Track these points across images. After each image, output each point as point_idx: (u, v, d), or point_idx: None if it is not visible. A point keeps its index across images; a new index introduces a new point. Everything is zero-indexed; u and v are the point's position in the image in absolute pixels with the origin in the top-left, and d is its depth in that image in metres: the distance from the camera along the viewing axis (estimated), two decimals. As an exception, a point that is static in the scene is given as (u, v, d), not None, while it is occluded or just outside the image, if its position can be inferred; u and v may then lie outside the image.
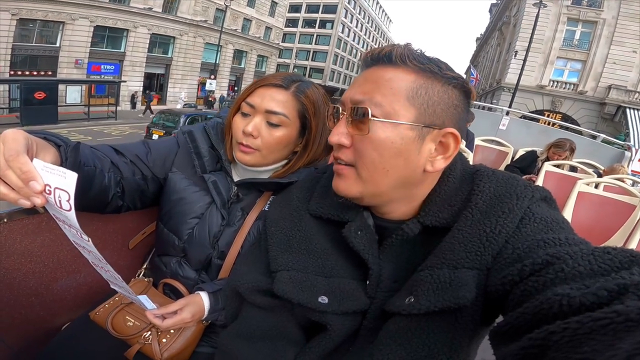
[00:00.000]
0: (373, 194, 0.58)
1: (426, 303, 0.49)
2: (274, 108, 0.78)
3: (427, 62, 0.54)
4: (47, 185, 0.48)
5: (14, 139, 0.48)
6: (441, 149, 0.55)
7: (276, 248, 0.66)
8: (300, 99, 0.80)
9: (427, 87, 0.53)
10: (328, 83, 47.64)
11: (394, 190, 0.57)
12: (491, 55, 28.75)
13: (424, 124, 0.53)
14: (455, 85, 0.55)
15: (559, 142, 3.21)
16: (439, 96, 0.54)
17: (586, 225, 2.35)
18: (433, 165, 0.56)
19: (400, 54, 0.54)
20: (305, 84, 0.82)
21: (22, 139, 0.48)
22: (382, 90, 0.54)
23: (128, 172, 0.80)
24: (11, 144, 0.47)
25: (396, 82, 0.53)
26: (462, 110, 0.56)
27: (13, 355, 0.90)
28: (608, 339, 0.28)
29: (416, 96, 0.53)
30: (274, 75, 0.83)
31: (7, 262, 0.85)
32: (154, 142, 0.89)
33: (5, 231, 0.84)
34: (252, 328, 0.65)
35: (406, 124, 0.53)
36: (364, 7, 52.95)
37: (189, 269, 0.87)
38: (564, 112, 18.76)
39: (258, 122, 0.79)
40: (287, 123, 0.80)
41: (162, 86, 22.07)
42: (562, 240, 0.46)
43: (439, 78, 0.54)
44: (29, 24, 15.61)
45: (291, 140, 0.82)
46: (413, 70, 0.54)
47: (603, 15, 17.61)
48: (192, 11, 21.56)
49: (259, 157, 0.82)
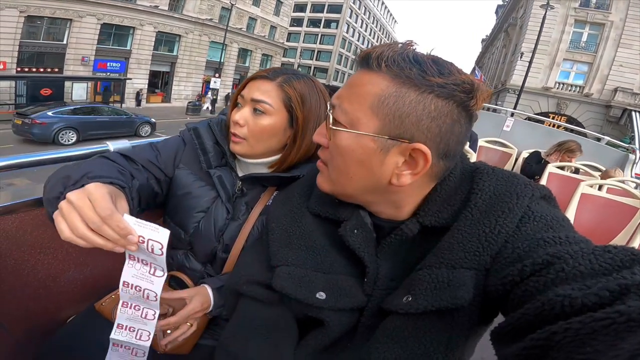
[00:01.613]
0: (343, 194, 0.60)
1: (424, 302, 0.49)
2: (258, 96, 0.81)
3: (408, 67, 0.49)
4: (141, 236, 0.55)
5: (102, 196, 0.53)
6: (410, 163, 0.52)
7: (276, 243, 0.66)
8: (284, 89, 0.81)
9: (398, 96, 0.49)
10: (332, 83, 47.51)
11: (364, 194, 0.58)
12: (496, 57, 28.55)
13: (388, 135, 0.50)
14: (439, 94, 0.49)
15: (571, 147, 3.13)
16: (411, 107, 0.49)
17: (589, 227, 2.34)
18: (399, 180, 0.53)
19: (377, 56, 0.50)
20: (295, 77, 0.83)
21: (108, 196, 0.54)
22: (351, 97, 0.53)
23: (142, 179, 0.81)
24: (102, 203, 0.52)
25: (366, 88, 0.51)
26: (447, 120, 0.50)
27: (18, 346, 0.91)
28: (610, 339, 0.28)
29: (382, 106, 0.50)
30: (265, 69, 0.85)
31: (17, 253, 0.87)
32: (161, 143, 0.91)
33: (17, 222, 0.85)
34: (251, 324, 0.66)
35: (367, 135, 0.51)
36: (369, 7, 52.79)
37: (195, 262, 0.89)
38: (569, 115, 18.59)
39: (245, 111, 0.82)
40: (271, 111, 0.81)
41: (166, 84, 22.14)
42: (563, 238, 0.45)
43: (416, 86, 0.49)
44: (36, 21, 15.69)
45: (277, 129, 0.83)
46: (388, 76, 0.50)
47: (611, 18, 17.43)
48: (198, 9, 21.58)
49: (247, 146, 0.83)
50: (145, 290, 0.63)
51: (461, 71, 0.51)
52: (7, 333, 0.89)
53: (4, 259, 0.85)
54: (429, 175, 0.55)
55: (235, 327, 0.67)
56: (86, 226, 0.52)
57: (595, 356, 0.28)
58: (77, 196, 0.53)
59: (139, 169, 0.82)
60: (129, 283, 0.62)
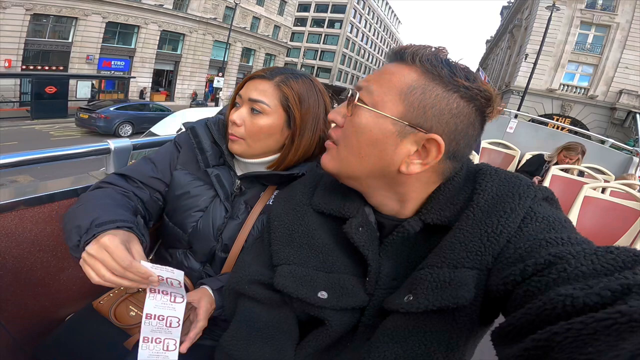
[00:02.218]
0: (348, 176, 0.60)
1: (425, 302, 0.49)
2: (255, 96, 0.81)
3: (439, 66, 0.52)
4: (160, 276, 0.62)
5: (117, 247, 0.59)
6: (423, 153, 0.54)
7: (278, 242, 0.66)
8: (282, 89, 0.81)
9: (426, 88, 0.52)
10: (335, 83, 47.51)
11: (369, 178, 0.58)
12: (501, 58, 28.45)
13: (408, 122, 0.53)
14: (463, 94, 0.52)
15: (570, 146, 3.14)
16: (436, 100, 0.52)
17: (591, 229, 2.33)
18: (408, 168, 0.54)
19: (413, 52, 0.54)
20: (293, 76, 0.83)
21: (122, 246, 0.60)
22: (381, 81, 0.55)
23: (145, 195, 0.86)
24: (119, 254, 0.59)
25: (397, 76, 0.54)
26: (464, 120, 0.53)
27: (16, 344, 0.91)
28: (612, 340, 0.28)
29: (409, 94, 0.52)
30: (264, 69, 0.85)
31: (17, 250, 0.87)
32: (155, 154, 0.92)
33: (17, 219, 0.85)
34: (253, 326, 0.66)
35: (388, 117, 0.53)
36: (373, 8, 52.70)
37: (194, 261, 0.88)
38: (574, 117, 18.49)
39: (242, 111, 0.82)
40: (268, 111, 0.81)
41: (170, 82, 22.22)
42: (565, 239, 0.46)
43: (444, 83, 0.52)
44: (42, 19, 15.80)
45: (274, 129, 0.82)
46: (418, 70, 0.53)
47: (617, 19, 17.32)
48: (203, 9, 21.66)
49: (245, 145, 0.83)
50: (168, 318, 0.68)
51: (484, 82, 0.55)
52: (5, 331, 0.89)
53: (3, 256, 0.85)
54: (435, 172, 0.57)
55: (236, 329, 0.67)
56: (111, 273, 0.59)
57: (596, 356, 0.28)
58: (95, 250, 0.60)
59: (140, 187, 0.86)
60: (152, 314, 0.67)
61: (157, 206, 0.89)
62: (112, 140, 1.03)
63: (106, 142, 1.02)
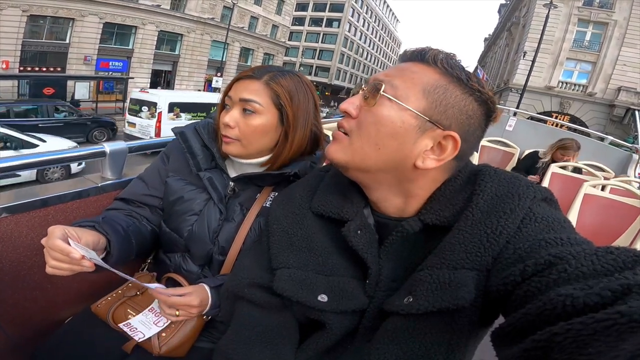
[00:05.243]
0: (358, 167, 0.59)
1: (425, 303, 0.49)
2: (246, 96, 0.80)
3: (458, 69, 0.55)
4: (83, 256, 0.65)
5: (51, 232, 0.66)
6: (438, 150, 0.55)
7: (277, 245, 0.66)
8: (272, 87, 0.81)
9: (447, 88, 0.54)
10: (334, 82, 47.59)
11: (380, 172, 0.58)
12: (499, 56, 28.50)
13: (430, 118, 0.54)
14: (477, 98, 0.55)
15: (565, 144, 3.11)
16: (456, 100, 0.54)
17: (591, 227, 2.33)
18: (424, 162, 0.55)
19: (434, 54, 0.56)
20: (281, 73, 0.83)
21: (57, 231, 0.66)
22: (403, 77, 0.56)
23: (146, 212, 0.92)
24: (49, 237, 0.65)
25: (420, 75, 0.55)
26: (475, 123, 0.56)
27: (14, 347, 0.91)
28: (612, 340, 0.28)
29: (432, 92, 0.54)
30: (250, 69, 0.84)
31: (14, 255, 0.86)
32: (145, 172, 0.95)
33: (12, 224, 0.85)
34: (252, 330, 0.65)
35: (412, 111, 0.54)
36: (371, 7, 52.72)
37: (192, 264, 0.88)
38: (572, 114, 18.52)
39: (234, 113, 0.82)
40: (261, 110, 0.81)
41: (169, 83, 22.19)
42: (564, 240, 0.46)
43: (461, 85, 0.54)
44: (39, 21, 15.76)
45: (268, 128, 0.82)
46: (440, 71, 0.55)
47: (614, 17, 17.35)
48: (200, 9, 21.63)
49: (240, 146, 0.83)
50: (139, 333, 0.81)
51: (491, 90, 0.58)
52: (3, 334, 0.89)
53: (0, 260, 0.85)
54: (444, 170, 0.58)
55: (235, 333, 0.67)
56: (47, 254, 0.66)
57: (596, 357, 0.28)
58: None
59: (140, 206, 0.92)
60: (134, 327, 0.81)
61: (160, 217, 0.92)
62: (108, 144, 1.02)
63: (102, 146, 1.02)
